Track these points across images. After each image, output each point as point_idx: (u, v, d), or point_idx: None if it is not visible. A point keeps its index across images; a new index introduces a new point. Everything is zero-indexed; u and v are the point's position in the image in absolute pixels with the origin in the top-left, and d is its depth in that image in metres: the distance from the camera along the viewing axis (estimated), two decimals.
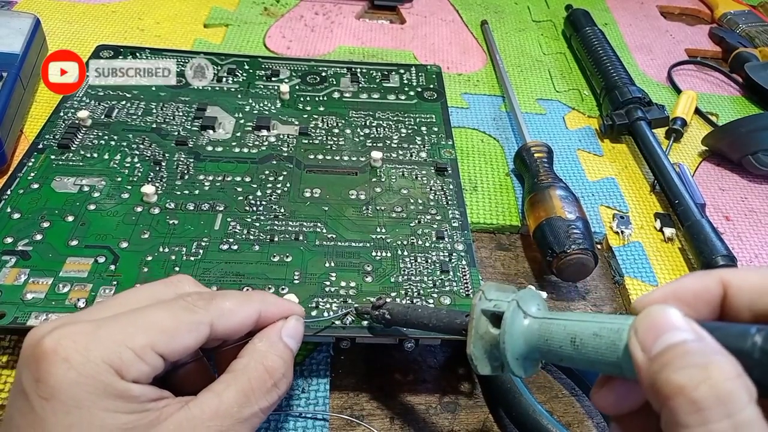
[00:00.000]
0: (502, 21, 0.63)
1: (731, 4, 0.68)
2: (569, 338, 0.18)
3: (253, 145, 0.39)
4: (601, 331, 0.18)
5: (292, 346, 0.24)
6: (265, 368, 0.22)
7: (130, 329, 0.20)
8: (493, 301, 0.21)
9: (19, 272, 0.29)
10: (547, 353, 0.19)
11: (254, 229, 0.33)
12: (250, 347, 0.23)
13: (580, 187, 0.43)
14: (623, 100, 0.47)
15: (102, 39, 0.52)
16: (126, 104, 0.41)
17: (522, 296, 0.21)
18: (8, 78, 0.40)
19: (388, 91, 0.45)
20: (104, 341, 0.19)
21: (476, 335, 0.21)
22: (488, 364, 0.21)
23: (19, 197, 0.33)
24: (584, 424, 0.30)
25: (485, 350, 0.21)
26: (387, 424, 0.29)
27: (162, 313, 0.21)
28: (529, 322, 0.20)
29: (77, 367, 0.18)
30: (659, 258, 0.39)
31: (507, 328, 0.20)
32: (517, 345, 0.20)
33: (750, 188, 0.46)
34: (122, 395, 0.19)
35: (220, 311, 0.22)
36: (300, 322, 0.25)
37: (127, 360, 0.19)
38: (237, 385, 0.21)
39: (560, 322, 0.19)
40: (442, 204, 0.36)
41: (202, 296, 0.22)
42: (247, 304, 0.23)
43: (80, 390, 0.18)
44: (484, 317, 0.21)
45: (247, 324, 0.23)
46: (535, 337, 0.20)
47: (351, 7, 0.62)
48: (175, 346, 0.21)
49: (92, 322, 0.20)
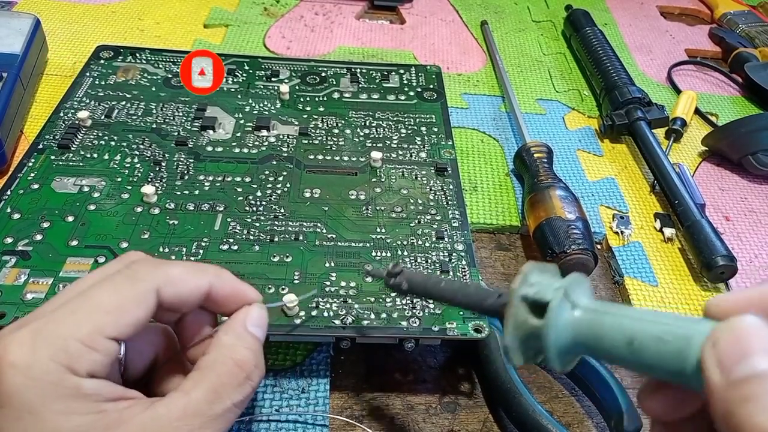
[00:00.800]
0: (502, 21, 0.63)
1: (731, 4, 0.68)
2: (626, 339, 0.16)
3: (253, 146, 0.39)
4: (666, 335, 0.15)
5: (259, 335, 0.23)
6: (234, 362, 0.21)
7: (74, 318, 0.19)
8: (535, 286, 0.19)
9: (19, 272, 0.29)
10: (596, 351, 0.17)
11: (254, 229, 0.33)
12: (215, 342, 0.22)
13: (580, 187, 0.43)
14: (623, 100, 0.47)
15: (102, 39, 0.52)
16: (126, 104, 0.41)
17: (570, 284, 0.18)
18: (8, 78, 0.40)
19: (387, 91, 0.45)
20: (49, 338, 0.18)
21: (514, 324, 0.19)
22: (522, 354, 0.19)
23: (19, 197, 0.33)
24: (584, 424, 0.30)
25: (521, 340, 0.19)
26: (387, 424, 0.29)
27: (103, 291, 0.20)
28: (579, 314, 0.18)
29: (24, 371, 0.18)
30: (659, 258, 0.39)
31: (553, 322, 0.17)
32: (563, 339, 0.18)
33: (750, 188, 0.46)
34: (74, 394, 0.18)
35: (167, 277, 0.21)
36: (264, 309, 0.23)
37: (76, 352, 0.18)
38: (206, 381, 0.20)
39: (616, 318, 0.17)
40: (442, 204, 0.36)
41: (146, 262, 0.21)
42: (199, 273, 0.22)
43: (30, 394, 0.18)
44: (524, 305, 0.19)
45: (197, 294, 0.22)
46: (585, 331, 0.17)
47: (351, 8, 0.62)
48: (123, 324, 0.19)
49: (39, 320, 0.19)
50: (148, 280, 0.20)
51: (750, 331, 0.14)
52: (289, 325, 0.28)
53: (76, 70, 0.45)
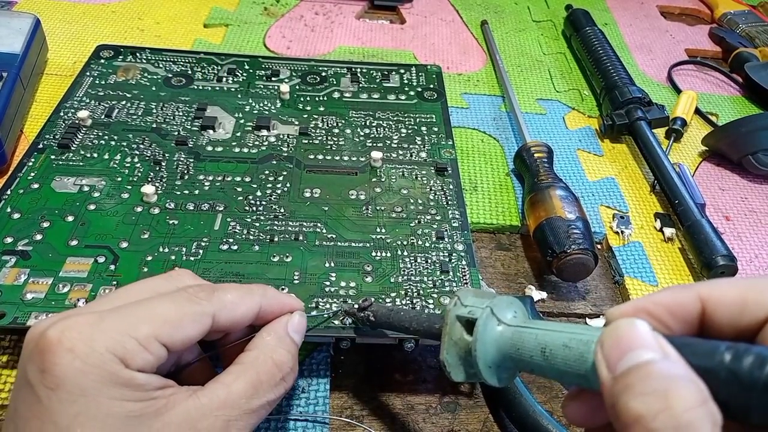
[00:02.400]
0: (502, 21, 0.63)
1: (731, 4, 0.68)
2: (540, 348, 0.18)
3: (253, 145, 0.39)
4: (570, 342, 0.17)
5: (298, 340, 0.24)
6: (274, 362, 0.22)
7: (134, 319, 0.20)
8: (469, 307, 0.21)
9: (19, 272, 0.29)
10: (519, 362, 0.19)
11: (254, 229, 0.33)
12: (258, 341, 0.23)
13: (580, 187, 0.43)
14: (623, 100, 0.47)
15: (102, 39, 0.52)
16: (126, 104, 0.41)
17: (497, 303, 0.20)
18: (8, 78, 0.40)
19: (388, 91, 0.45)
20: (108, 331, 0.19)
21: (450, 341, 0.21)
22: (463, 370, 0.21)
23: (19, 197, 0.33)
24: None
25: (459, 357, 0.21)
26: (387, 424, 0.29)
27: (165, 304, 0.21)
28: (502, 329, 0.19)
29: (82, 357, 0.18)
30: (659, 258, 0.39)
31: (479, 336, 0.19)
32: (489, 353, 0.19)
33: (750, 188, 0.46)
34: (127, 383, 0.19)
35: (222, 303, 0.22)
36: (304, 317, 0.25)
37: (131, 349, 0.19)
38: (246, 376, 0.21)
39: (532, 330, 0.18)
40: (442, 204, 0.36)
41: (203, 288, 0.23)
42: (249, 297, 0.23)
43: (85, 379, 0.18)
44: (459, 323, 0.21)
45: (249, 317, 0.23)
46: (507, 345, 0.19)
47: (351, 7, 0.62)
48: (178, 336, 0.21)
49: (96, 313, 0.20)
50: (207, 305, 0.22)
51: (629, 329, 0.15)
52: None
53: (76, 69, 0.45)
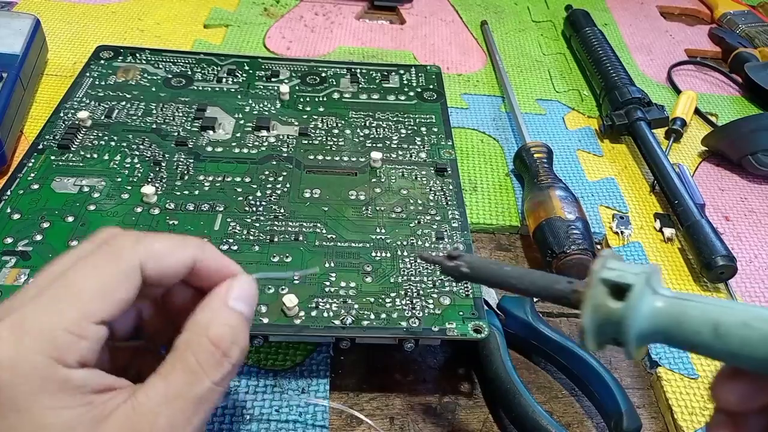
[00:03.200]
0: (502, 21, 0.63)
1: (731, 4, 0.68)
2: (711, 325, 0.16)
3: (252, 146, 0.39)
4: (753, 321, 0.16)
5: (243, 309, 0.21)
6: (209, 339, 0.20)
7: (58, 306, 0.18)
8: (616, 270, 0.19)
9: (19, 272, 0.29)
10: (677, 338, 0.17)
11: (254, 230, 0.33)
12: (191, 320, 0.20)
13: (580, 187, 0.43)
14: (623, 100, 0.47)
15: (102, 39, 0.52)
16: (126, 105, 0.41)
17: (652, 271, 0.18)
18: (8, 78, 0.40)
19: (387, 91, 0.45)
20: (33, 330, 0.17)
21: (592, 306, 0.19)
22: (596, 338, 0.19)
23: (19, 197, 0.33)
24: (584, 424, 0.30)
25: (598, 323, 0.19)
26: (387, 424, 0.29)
27: (85, 273, 0.19)
28: (661, 301, 0.18)
29: (9, 368, 0.17)
30: (659, 258, 0.39)
31: (635, 304, 0.18)
32: (643, 324, 0.18)
33: (750, 188, 0.46)
34: (64, 387, 0.17)
35: (150, 251, 0.20)
36: (251, 282, 0.22)
37: (64, 342, 0.18)
38: (182, 363, 0.19)
39: (699, 305, 0.17)
40: (441, 204, 0.36)
41: (127, 236, 0.20)
42: (182, 247, 0.21)
43: (16, 391, 0.17)
44: (604, 287, 0.19)
45: (181, 268, 0.21)
46: (666, 318, 0.17)
47: (351, 8, 0.62)
48: (110, 306, 0.19)
49: (18, 311, 0.18)
50: (130, 257, 0.20)
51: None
52: (289, 326, 0.28)
53: (76, 70, 0.45)
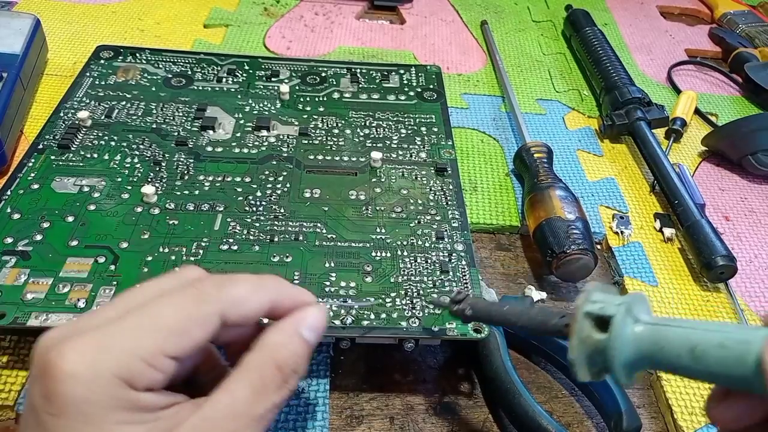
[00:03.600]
0: (502, 21, 0.63)
1: (731, 4, 0.68)
2: (688, 347, 0.17)
3: (253, 146, 0.39)
4: (727, 342, 0.17)
5: (310, 339, 0.22)
6: (275, 363, 0.21)
7: (137, 333, 0.19)
8: (599, 303, 0.20)
9: (19, 272, 0.29)
10: (660, 362, 0.18)
11: (254, 230, 0.33)
12: (263, 339, 0.21)
13: (580, 187, 0.43)
14: (623, 100, 0.47)
15: (102, 39, 0.52)
16: (126, 104, 0.41)
17: (632, 300, 0.19)
18: (8, 78, 0.40)
19: (387, 91, 0.45)
20: (112, 352, 0.18)
21: (579, 339, 0.20)
22: (588, 370, 0.20)
23: (19, 197, 0.33)
24: (584, 424, 0.30)
25: (586, 355, 0.20)
26: (387, 424, 0.29)
27: (168, 309, 0.20)
28: (641, 328, 0.19)
29: (85, 383, 0.18)
30: (659, 258, 0.39)
31: (617, 334, 0.19)
32: (627, 352, 0.19)
33: (750, 188, 0.46)
34: (133, 407, 0.18)
35: (232, 299, 0.21)
36: (321, 313, 0.23)
37: (137, 370, 0.18)
38: (248, 381, 0.20)
39: (677, 329, 0.18)
40: (441, 204, 0.36)
41: (211, 282, 0.21)
42: (260, 291, 0.22)
43: (89, 406, 0.18)
44: (588, 320, 0.20)
45: (260, 313, 0.22)
46: (648, 344, 0.18)
47: (351, 8, 0.62)
48: (185, 345, 0.20)
49: (98, 330, 0.19)
50: (213, 303, 0.20)
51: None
52: None
53: (76, 70, 0.45)
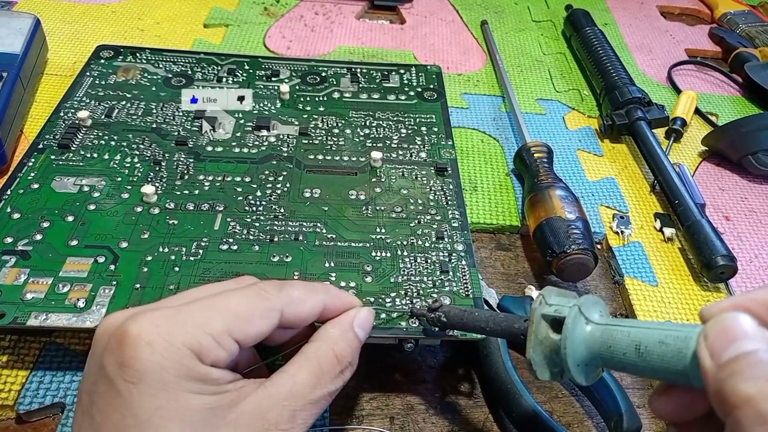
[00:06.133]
0: (502, 21, 0.63)
1: (731, 4, 0.68)
2: (633, 345, 0.18)
3: (253, 145, 0.39)
4: (667, 339, 0.17)
5: (361, 336, 0.24)
6: (335, 353, 0.22)
7: (209, 314, 0.20)
8: (554, 306, 0.21)
9: (19, 272, 0.29)
10: (609, 360, 0.19)
11: (254, 229, 0.33)
12: (322, 332, 0.23)
13: (580, 187, 0.43)
14: (623, 100, 0.47)
15: (102, 39, 0.52)
16: (126, 104, 0.41)
17: (584, 302, 0.20)
18: (8, 78, 0.40)
19: (388, 91, 0.45)
20: (185, 326, 0.20)
21: (536, 340, 0.21)
22: (547, 369, 0.21)
23: (19, 197, 0.33)
24: (584, 424, 0.30)
25: (545, 355, 0.21)
26: (387, 424, 0.29)
27: (237, 299, 0.21)
28: (591, 328, 0.20)
29: (161, 351, 0.19)
30: (659, 258, 0.39)
31: (568, 334, 0.20)
32: (579, 351, 0.20)
33: (750, 188, 0.46)
34: (203, 378, 0.19)
35: (290, 299, 0.23)
36: (371, 313, 0.25)
37: (207, 345, 0.20)
38: (309, 367, 0.22)
39: (624, 329, 0.19)
40: (441, 204, 0.36)
41: (272, 284, 0.23)
42: (314, 294, 0.24)
43: (165, 373, 0.19)
44: (545, 322, 0.21)
45: (314, 314, 0.23)
46: (598, 343, 0.19)
47: (351, 7, 0.62)
48: (249, 331, 0.21)
49: (172, 308, 0.20)
50: (274, 300, 0.22)
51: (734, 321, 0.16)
52: None
53: (76, 69, 0.45)
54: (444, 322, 0.26)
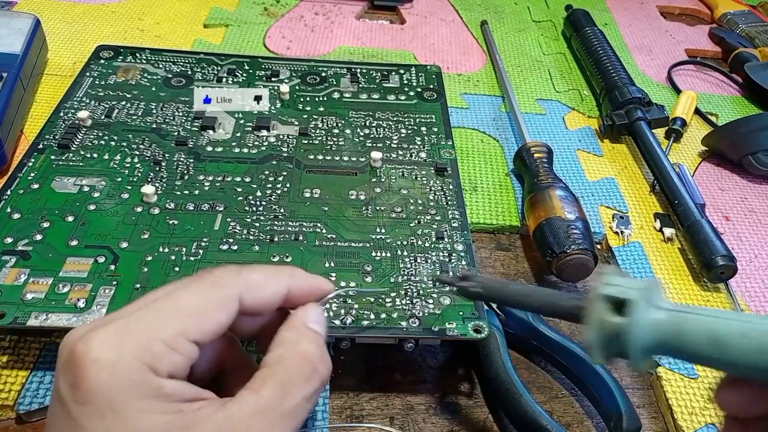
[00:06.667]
0: (502, 21, 0.63)
1: (731, 4, 0.68)
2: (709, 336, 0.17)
3: (253, 146, 0.39)
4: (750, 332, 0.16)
5: (320, 330, 0.22)
6: (299, 355, 0.21)
7: (159, 319, 0.19)
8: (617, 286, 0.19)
9: (19, 272, 0.29)
10: (678, 350, 0.18)
11: (254, 229, 0.33)
12: (278, 339, 0.21)
13: (580, 187, 0.43)
14: (623, 100, 0.47)
15: (102, 39, 0.52)
16: (126, 104, 0.41)
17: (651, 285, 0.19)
18: (8, 78, 0.40)
19: (388, 91, 0.45)
20: (133, 336, 0.18)
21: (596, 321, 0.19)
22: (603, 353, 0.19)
23: (19, 197, 0.33)
24: (584, 424, 0.30)
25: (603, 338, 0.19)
26: (387, 424, 0.29)
27: (187, 294, 0.20)
28: (660, 314, 0.18)
29: (108, 368, 0.18)
30: (659, 258, 0.39)
31: (636, 318, 0.18)
32: (645, 337, 0.18)
33: (750, 188, 0.46)
34: (156, 394, 0.18)
35: (248, 284, 0.21)
36: (319, 308, 0.23)
37: (159, 353, 0.18)
38: (273, 377, 0.20)
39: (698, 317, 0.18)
40: (441, 204, 0.36)
41: (228, 269, 0.22)
42: (276, 277, 0.22)
43: (113, 392, 0.18)
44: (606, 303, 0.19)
45: (277, 298, 0.22)
46: (666, 330, 0.18)
47: (351, 7, 0.62)
48: (206, 327, 0.20)
49: (121, 319, 0.19)
50: (231, 287, 0.21)
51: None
52: None
53: (76, 70, 0.45)
54: (475, 293, 0.24)
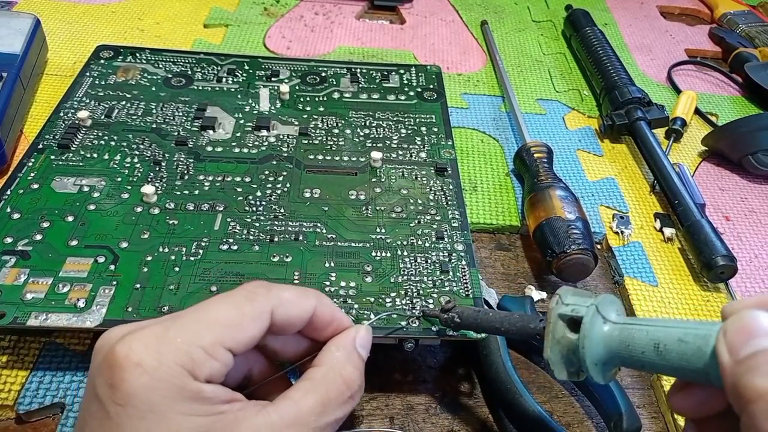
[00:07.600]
0: (502, 21, 0.63)
1: (731, 4, 0.68)
2: (652, 344, 0.18)
3: (253, 146, 0.39)
4: (686, 337, 0.17)
5: (364, 355, 0.23)
6: (343, 379, 0.22)
7: (197, 327, 0.20)
8: (571, 305, 0.21)
9: (19, 272, 0.29)
10: (628, 359, 0.19)
11: (254, 229, 0.33)
12: (327, 355, 0.23)
13: (580, 187, 0.43)
14: (623, 100, 0.47)
15: (102, 39, 0.52)
16: (126, 104, 0.41)
17: (601, 301, 0.20)
18: (8, 78, 0.40)
19: (388, 91, 0.45)
20: (174, 342, 0.19)
21: (553, 340, 0.21)
22: (565, 369, 0.21)
23: (19, 197, 0.33)
24: (584, 424, 0.30)
25: (562, 355, 0.21)
26: (387, 424, 0.29)
27: (224, 305, 0.21)
28: (609, 327, 0.20)
29: (150, 372, 0.18)
30: (659, 258, 0.39)
31: (586, 333, 0.20)
32: (597, 351, 0.20)
33: (750, 188, 0.46)
34: (196, 397, 0.19)
35: (280, 299, 0.22)
36: (370, 331, 0.24)
37: (198, 359, 0.19)
38: (316, 394, 0.21)
39: (642, 327, 0.19)
40: (441, 204, 0.36)
41: (261, 284, 0.22)
42: (305, 297, 0.23)
43: (154, 394, 0.18)
44: (561, 322, 0.21)
45: (304, 317, 0.23)
46: (616, 342, 0.19)
47: (351, 7, 0.62)
48: (241, 338, 0.21)
49: (160, 324, 0.20)
50: (263, 302, 0.22)
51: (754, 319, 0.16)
52: None
53: (76, 70, 0.45)
54: (458, 323, 0.26)
